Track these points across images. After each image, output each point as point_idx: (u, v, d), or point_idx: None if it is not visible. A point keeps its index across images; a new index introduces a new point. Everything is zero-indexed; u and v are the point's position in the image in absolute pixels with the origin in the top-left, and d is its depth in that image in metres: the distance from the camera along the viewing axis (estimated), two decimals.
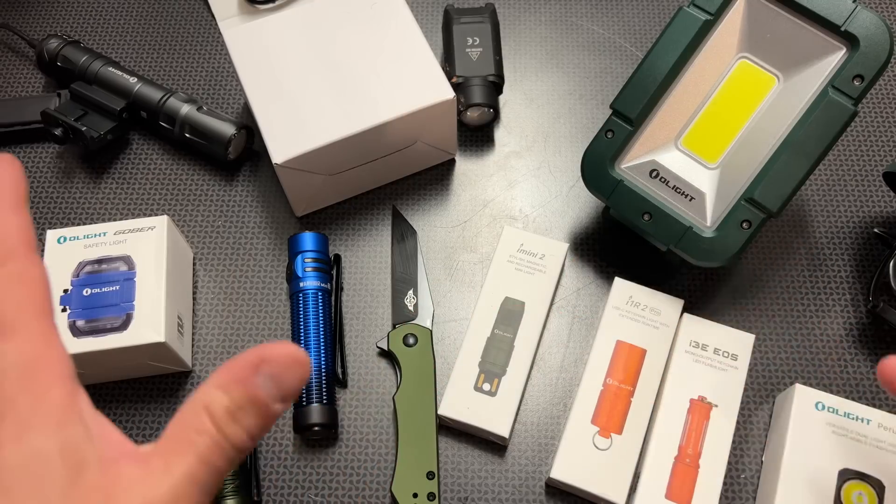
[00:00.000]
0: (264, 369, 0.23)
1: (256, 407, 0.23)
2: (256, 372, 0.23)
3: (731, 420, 0.50)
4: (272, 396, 0.23)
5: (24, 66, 0.69)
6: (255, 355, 0.23)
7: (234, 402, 0.23)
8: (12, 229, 0.24)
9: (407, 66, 0.56)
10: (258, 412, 0.23)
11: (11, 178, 0.25)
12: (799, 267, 0.59)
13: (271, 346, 0.24)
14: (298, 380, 0.24)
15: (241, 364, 0.23)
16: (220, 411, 0.23)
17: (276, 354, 0.23)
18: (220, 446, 0.23)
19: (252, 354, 0.23)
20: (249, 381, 0.23)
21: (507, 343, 0.53)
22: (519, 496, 0.52)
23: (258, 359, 0.23)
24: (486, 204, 0.62)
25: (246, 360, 0.23)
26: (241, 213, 0.62)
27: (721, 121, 0.51)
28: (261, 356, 0.23)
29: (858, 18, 0.48)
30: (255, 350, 0.24)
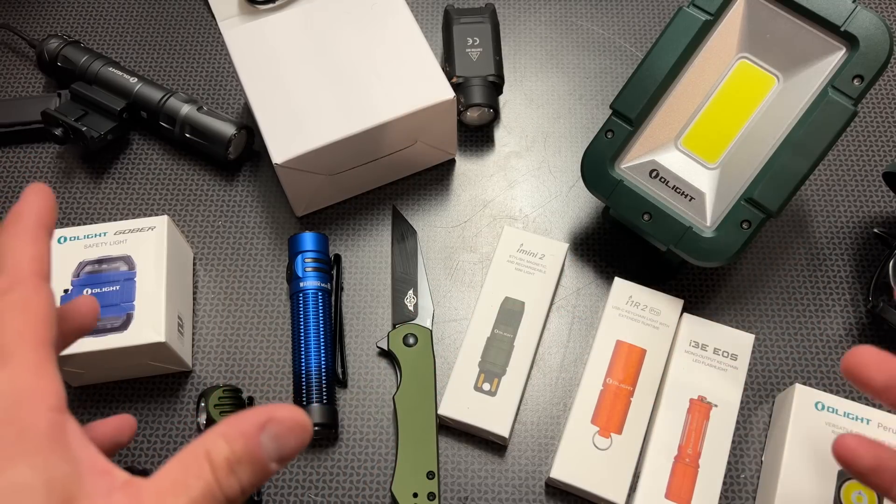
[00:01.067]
0: (269, 429, 0.24)
1: (254, 463, 0.24)
2: (262, 430, 0.24)
3: (730, 420, 0.50)
4: (270, 456, 0.24)
5: (24, 66, 0.69)
6: (264, 415, 0.24)
7: (234, 455, 0.24)
8: (25, 258, 0.25)
9: (407, 66, 0.56)
10: (255, 468, 0.24)
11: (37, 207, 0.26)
12: (799, 267, 0.59)
13: (279, 408, 0.24)
14: (299, 444, 0.25)
15: (248, 420, 0.24)
16: (220, 460, 0.23)
17: (282, 417, 0.24)
18: (213, 494, 0.23)
19: (261, 413, 0.24)
20: (253, 438, 0.24)
21: (507, 343, 0.53)
22: (519, 496, 0.52)
23: (266, 418, 0.24)
24: (486, 204, 0.62)
25: (254, 418, 0.24)
26: (241, 213, 0.62)
27: (721, 121, 0.51)
28: (269, 416, 0.24)
29: (858, 18, 0.48)
30: (264, 409, 0.24)
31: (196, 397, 0.54)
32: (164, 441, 0.53)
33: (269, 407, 0.24)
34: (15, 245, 0.25)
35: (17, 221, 0.25)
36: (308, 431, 0.25)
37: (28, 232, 0.25)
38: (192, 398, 0.55)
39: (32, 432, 0.22)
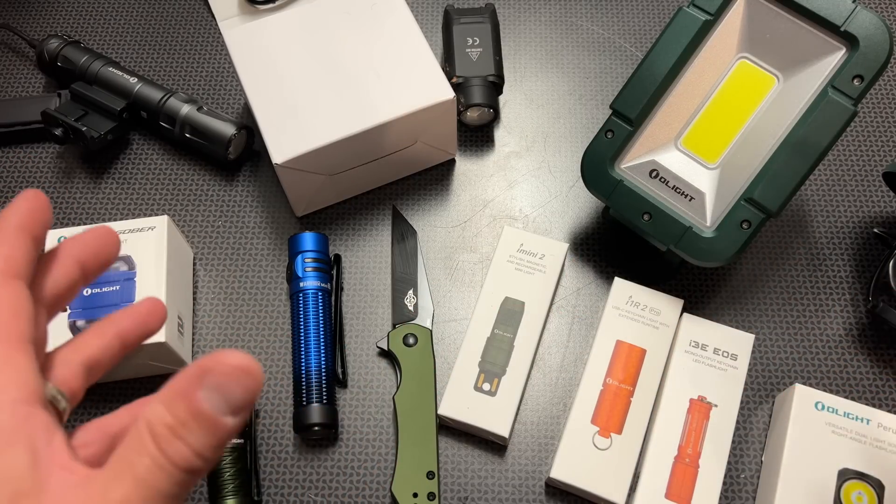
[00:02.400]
0: (208, 381, 0.21)
1: (202, 422, 0.21)
2: (200, 384, 0.21)
3: (730, 420, 0.50)
4: (219, 410, 0.21)
5: (24, 66, 0.69)
6: (198, 366, 0.21)
7: (176, 419, 0.21)
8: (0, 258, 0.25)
9: (407, 66, 0.56)
10: (205, 428, 0.21)
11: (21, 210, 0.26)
12: (799, 267, 0.59)
13: (216, 355, 0.21)
14: (246, 390, 0.21)
15: (184, 377, 0.21)
16: (162, 429, 0.21)
17: (219, 364, 0.21)
18: (162, 467, 0.21)
19: (195, 366, 0.21)
20: (192, 395, 0.21)
21: (507, 343, 0.53)
22: (519, 496, 0.52)
23: (201, 370, 0.21)
24: (486, 204, 0.62)
25: (188, 373, 0.21)
26: (241, 213, 0.62)
27: (721, 121, 0.51)
28: (204, 367, 0.21)
29: (858, 18, 0.48)
30: (199, 361, 0.21)
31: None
32: None
33: (205, 357, 0.21)
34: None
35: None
36: (255, 374, 0.21)
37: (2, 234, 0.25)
38: None
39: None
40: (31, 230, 0.26)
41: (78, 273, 0.28)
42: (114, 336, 0.29)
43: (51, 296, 0.27)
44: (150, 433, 0.21)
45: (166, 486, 0.21)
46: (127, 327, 0.29)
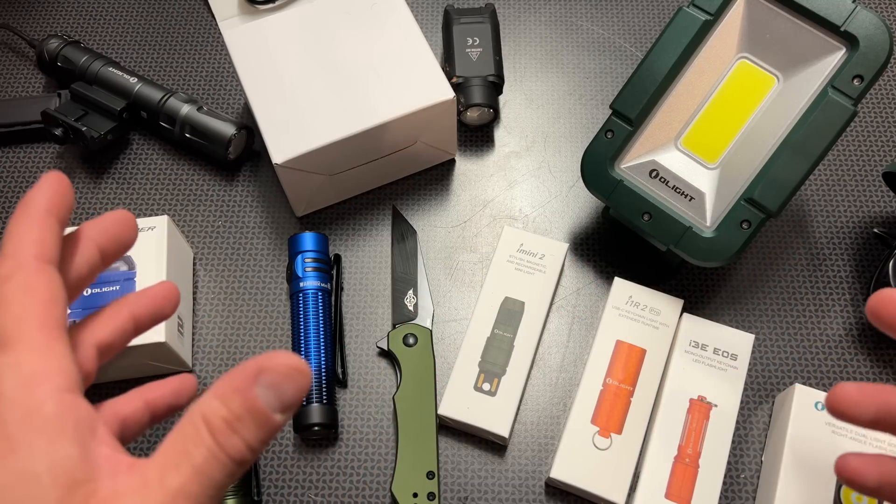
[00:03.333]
0: (263, 379, 0.22)
1: (255, 417, 0.22)
2: (255, 382, 0.22)
3: (730, 420, 0.50)
4: (272, 406, 0.23)
5: (24, 66, 0.69)
6: (254, 365, 0.23)
7: (232, 413, 0.22)
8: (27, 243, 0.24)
9: (407, 66, 0.56)
10: (258, 423, 0.22)
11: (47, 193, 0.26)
12: (799, 267, 0.59)
13: (271, 355, 0.23)
14: (298, 389, 0.23)
15: (239, 374, 0.23)
16: (218, 422, 0.22)
17: (275, 364, 0.23)
18: (218, 458, 0.22)
19: (251, 364, 0.23)
20: (248, 391, 0.22)
21: (507, 343, 0.53)
22: (519, 496, 0.52)
23: (257, 368, 0.22)
24: (486, 204, 0.62)
25: (245, 370, 0.23)
26: (241, 213, 0.62)
27: (721, 121, 0.51)
28: (260, 366, 0.23)
29: (858, 18, 0.48)
30: (254, 360, 0.23)
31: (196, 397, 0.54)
32: None
33: (259, 357, 0.23)
34: (18, 231, 0.25)
35: (25, 209, 0.25)
36: (307, 374, 0.23)
37: (33, 218, 0.25)
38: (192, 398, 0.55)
39: (38, 415, 0.21)
40: (58, 214, 0.26)
41: (98, 257, 0.28)
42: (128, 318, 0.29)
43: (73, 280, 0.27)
44: (206, 426, 0.22)
45: (219, 476, 0.22)
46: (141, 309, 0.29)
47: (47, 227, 0.25)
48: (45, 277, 0.24)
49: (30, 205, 0.26)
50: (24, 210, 0.25)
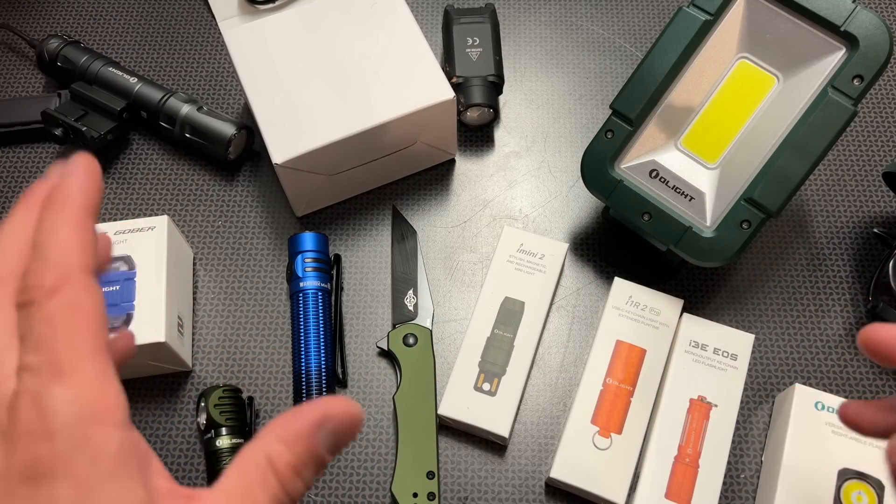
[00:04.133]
0: (327, 426, 0.23)
1: (317, 462, 0.23)
2: (320, 429, 0.23)
3: (730, 420, 0.50)
4: (328, 450, 0.23)
5: (24, 66, 0.69)
6: (320, 413, 0.23)
7: (298, 459, 0.23)
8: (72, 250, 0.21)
9: (407, 66, 0.56)
10: (317, 466, 0.23)
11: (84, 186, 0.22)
12: (799, 267, 0.59)
13: (333, 403, 0.23)
14: (353, 436, 0.24)
15: (305, 419, 0.23)
16: (285, 467, 0.23)
17: (338, 413, 0.23)
18: (281, 501, 0.22)
19: (316, 411, 0.23)
20: (313, 438, 0.23)
21: (507, 343, 0.53)
22: (519, 496, 0.52)
23: (322, 416, 0.23)
24: (486, 204, 0.62)
25: (310, 416, 0.23)
26: (241, 213, 0.62)
27: (721, 121, 0.51)
28: (325, 414, 0.23)
29: (858, 18, 0.48)
30: (318, 406, 0.23)
31: (196, 397, 0.54)
32: (165, 441, 0.53)
33: (322, 403, 0.23)
34: (59, 232, 0.21)
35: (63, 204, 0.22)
36: (362, 421, 0.24)
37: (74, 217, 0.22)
38: (192, 398, 0.55)
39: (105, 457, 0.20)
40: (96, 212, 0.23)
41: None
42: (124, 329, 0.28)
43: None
44: (273, 470, 0.22)
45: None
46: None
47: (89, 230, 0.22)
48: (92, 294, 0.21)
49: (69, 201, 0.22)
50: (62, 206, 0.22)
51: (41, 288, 0.21)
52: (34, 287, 0.21)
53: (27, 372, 0.20)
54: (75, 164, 0.23)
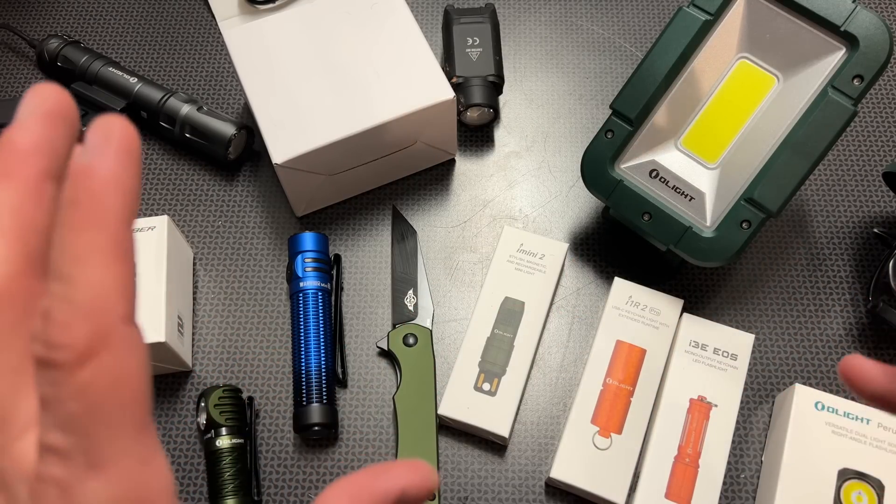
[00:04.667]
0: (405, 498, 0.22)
1: None
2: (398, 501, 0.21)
3: (730, 420, 0.50)
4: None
5: (24, 66, 0.69)
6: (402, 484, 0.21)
7: None
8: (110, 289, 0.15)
9: (407, 66, 0.56)
10: None
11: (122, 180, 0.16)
12: (799, 267, 0.59)
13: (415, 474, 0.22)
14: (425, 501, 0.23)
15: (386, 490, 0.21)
16: None
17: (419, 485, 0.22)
18: None
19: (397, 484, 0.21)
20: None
21: (507, 343, 0.53)
22: (519, 496, 0.52)
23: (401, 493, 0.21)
24: (486, 204, 0.62)
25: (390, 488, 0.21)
26: (241, 213, 0.62)
27: (721, 121, 0.51)
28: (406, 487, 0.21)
29: (858, 18, 0.48)
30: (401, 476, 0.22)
31: (196, 397, 0.54)
32: (164, 441, 0.53)
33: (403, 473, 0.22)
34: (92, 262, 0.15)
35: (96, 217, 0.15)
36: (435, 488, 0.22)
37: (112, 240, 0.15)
38: (192, 398, 0.55)
39: None
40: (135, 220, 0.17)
41: None
42: None
43: None
44: None
45: None
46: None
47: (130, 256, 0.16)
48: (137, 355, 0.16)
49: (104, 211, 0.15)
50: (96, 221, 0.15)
51: (71, 349, 0.15)
52: (61, 346, 0.15)
53: (54, 455, 0.16)
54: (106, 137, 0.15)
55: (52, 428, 0.16)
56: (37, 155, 0.17)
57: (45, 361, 0.15)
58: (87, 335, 0.15)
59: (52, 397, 0.15)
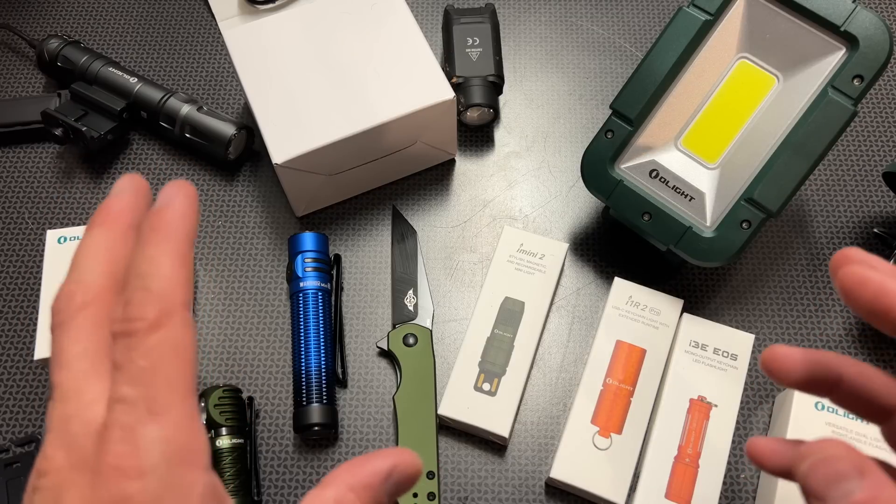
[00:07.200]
0: (392, 478, 0.24)
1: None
2: (386, 480, 0.24)
3: (730, 420, 0.50)
4: (389, 498, 0.25)
5: (24, 66, 0.69)
6: (389, 464, 0.24)
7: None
8: (176, 282, 0.21)
9: (407, 66, 0.56)
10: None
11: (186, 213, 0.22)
12: (799, 267, 0.59)
13: (401, 455, 0.24)
14: (411, 487, 0.25)
15: (374, 470, 0.24)
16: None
17: (404, 466, 0.24)
18: None
19: (385, 462, 0.24)
20: (380, 487, 0.24)
21: (507, 343, 0.53)
22: (519, 496, 0.52)
23: (391, 468, 0.24)
24: (486, 204, 0.62)
25: (379, 468, 0.24)
26: (241, 213, 0.62)
27: (721, 121, 0.51)
28: (393, 465, 0.24)
29: (858, 18, 0.48)
30: (387, 457, 0.24)
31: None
32: None
33: (391, 454, 0.25)
34: (163, 264, 0.21)
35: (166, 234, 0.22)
36: (420, 471, 0.25)
37: (177, 249, 0.22)
38: None
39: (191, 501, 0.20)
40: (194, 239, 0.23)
41: None
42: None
43: None
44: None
45: None
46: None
47: (190, 264, 0.22)
48: (191, 333, 0.21)
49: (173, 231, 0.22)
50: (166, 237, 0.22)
51: (144, 320, 0.20)
52: (137, 318, 0.20)
53: (122, 404, 0.20)
54: (177, 190, 0.23)
55: (122, 384, 0.20)
56: (125, 213, 0.24)
57: (124, 332, 0.21)
58: (157, 312, 0.21)
59: (125, 360, 0.20)
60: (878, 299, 0.25)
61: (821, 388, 0.29)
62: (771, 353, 0.29)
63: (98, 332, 0.22)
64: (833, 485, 0.23)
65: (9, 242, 0.60)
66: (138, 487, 0.19)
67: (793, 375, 0.29)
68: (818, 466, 0.24)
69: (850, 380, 0.28)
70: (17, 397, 0.55)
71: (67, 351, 0.21)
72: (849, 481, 0.23)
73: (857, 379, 0.28)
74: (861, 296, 0.26)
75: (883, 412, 0.28)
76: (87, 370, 0.21)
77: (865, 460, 0.24)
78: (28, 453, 0.51)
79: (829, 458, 0.24)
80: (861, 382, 0.28)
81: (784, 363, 0.29)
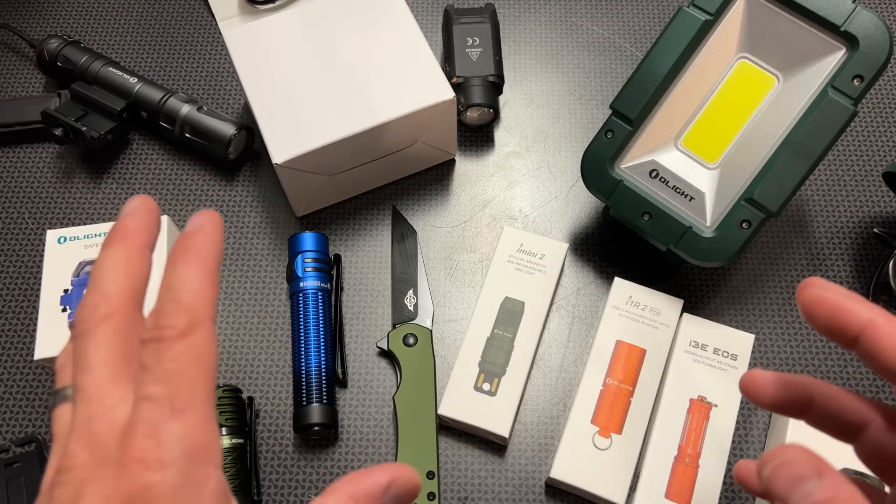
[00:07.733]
0: (393, 490, 0.25)
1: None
2: (386, 492, 0.25)
3: (730, 420, 0.50)
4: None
5: (24, 66, 0.69)
6: (388, 478, 0.25)
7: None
8: (204, 297, 0.24)
9: (407, 66, 0.56)
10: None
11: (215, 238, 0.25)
12: (799, 267, 0.59)
13: (400, 470, 0.25)
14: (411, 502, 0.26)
15: (374, 482, 0.25)
16: None
17: (404, 480, 0.25)
18: None
19: (385, 476, 0.25)
20: (379, 500, 0.25)
21: (507, 343, 0.53)
22: (519, 496, 0.52)
23: (390, 481, 0.25)
24: (486, 204, 0.62)
25: (380, 480, 0.25)
26: (241, 213, 0.62)
27: (721, 121, 0.51)
28: (393, 479, 0.25)
29: (858, 18, 0.48)
30: (387, 471, 0.25)
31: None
32: None
33: (392, 469, 0.25)
34: (194, 280, 0.24)
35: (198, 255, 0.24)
36: (419, 488, 0.26)
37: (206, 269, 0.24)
38: None
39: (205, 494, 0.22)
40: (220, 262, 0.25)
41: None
42: None
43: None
44: None
45: None
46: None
47: (217, 282, 0.24)
48: (214, 343, 0.24)
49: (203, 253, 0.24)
50: (197, 257, 0.24)
51: (174, 328, 0.22)
52: (167, 326, 0.23)
53: (148, 402, 0.22)
54: (206, 218, 0.25)
55: (150, 383, 0.22)
56: (140, 231, 0.26)
57: (154, 338, 0.22)
58: (186, 322, 0.23)
59: (154, 362, 0.22)
60: (835, 317, 0.27)
61: (793, 409, 0.31)
62: (748, 377, 0.31)
63: (120, 340, 0.24)
64: (793, 487, 0.25)
65: (9, 242, 0.60)
66: (159, 479, 0.21)
67: (766, 398, 0.30)
68: (779, 470, 0.25)
69: (820, 400, 0.30)
70: (17, 397, 0.55)
71: (92, 357, 0.23)
72: (808, 482, 0.24)
73: (825, 399, 0.30)
74: (818, 313, 0.28)
75: (852, 430, 0.30)
76: (109, 375, 0.23)
77: (822, 462, 0.25)
78: (28, 453, 0.51)
79: (789, 461, 0.25)
80: (829, 402, 0.30)
81: (758, 386, 0.30)
